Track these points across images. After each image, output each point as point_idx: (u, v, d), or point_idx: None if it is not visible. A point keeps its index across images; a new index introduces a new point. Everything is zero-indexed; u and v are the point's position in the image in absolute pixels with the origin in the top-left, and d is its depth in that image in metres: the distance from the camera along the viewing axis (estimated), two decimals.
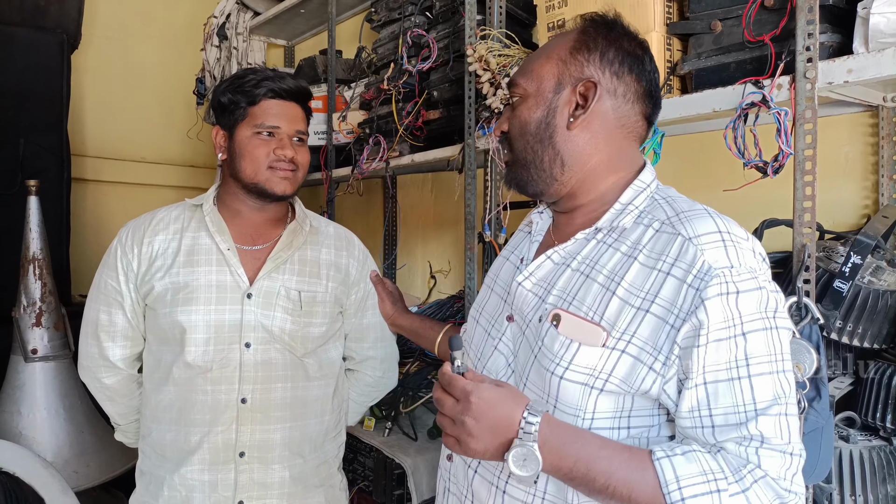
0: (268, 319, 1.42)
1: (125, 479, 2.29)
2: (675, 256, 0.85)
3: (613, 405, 0.87)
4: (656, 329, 0.84)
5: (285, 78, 1.46)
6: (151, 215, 1.51)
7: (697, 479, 0.78)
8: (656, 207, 0.95)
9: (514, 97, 1.03)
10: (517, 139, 1.01)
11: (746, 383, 0.81)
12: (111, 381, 1.52)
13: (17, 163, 2.83)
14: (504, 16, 1.80)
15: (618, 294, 0.88)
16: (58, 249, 2.78)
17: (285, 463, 1.43)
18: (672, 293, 0.84)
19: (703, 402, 0.82)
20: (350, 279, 1.57)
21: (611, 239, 0.95)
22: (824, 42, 1.19)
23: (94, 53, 3.54)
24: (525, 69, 1.03)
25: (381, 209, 2.93)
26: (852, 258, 1.23)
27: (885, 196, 1.48)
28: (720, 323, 0.81)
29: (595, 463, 0.80)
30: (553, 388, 0.89)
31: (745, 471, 0.79)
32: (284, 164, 1.43)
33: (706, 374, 0.82)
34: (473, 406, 0.81)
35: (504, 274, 1.10)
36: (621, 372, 0.85)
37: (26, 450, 1.96)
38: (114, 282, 1.46)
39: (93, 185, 3.54)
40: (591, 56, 0.98)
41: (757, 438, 0.80)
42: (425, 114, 2.05)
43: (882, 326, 1.30)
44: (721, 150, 1.29)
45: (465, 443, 0.82)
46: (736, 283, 0.82)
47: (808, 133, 1.16)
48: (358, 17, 2.86)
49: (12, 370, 2.18)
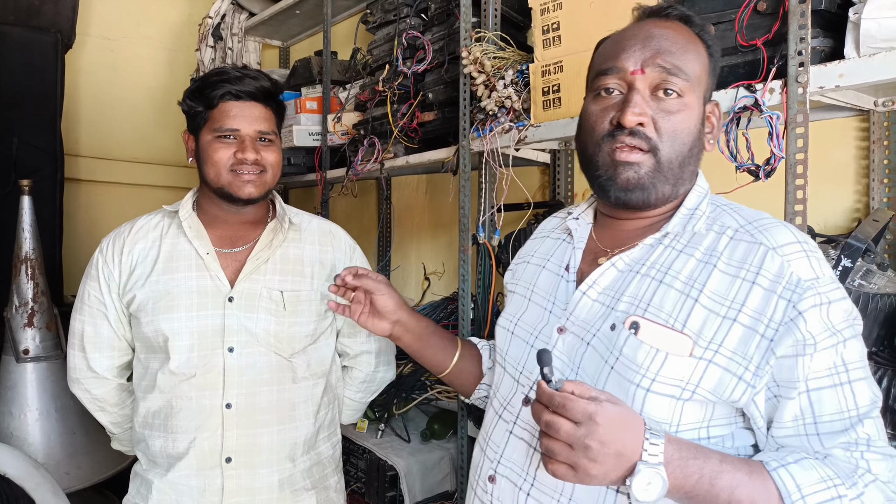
0: (251, 322, 1.40)
1: (117, 480, 2.28)
2: (759, 266, 0.85)
3: (698, 415, 0.85)
4: (745, 339, 0.83)
5: (245, 79, 1.41)
6: (131, 224, 1.50)
7: (818, 486, 0.77)
8: (722, 214, 0.93)
9: (667, 89, 0.92)
10: (670, 143, 0.92)
11: (848, 389, 0.81)
12: (100, 392, 1.52)
13: (10, 162, 2.81)
14: (499, 18, 1.81)
15: (701, 302, 0.85)
16: (50, 249, 2.77)
17: (273, 467, 1.42)
18: (761, 303, 0.83)
19: (806, 410, 0.82)
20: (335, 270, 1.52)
21: (680, 244, 0.92)
22: (816, 47, 1.20)
23: (88, 53, 3.53)
24: (685, 66, 0.92)
25: (375, 210, 2.93)
26: (843, 261, 1.24)
27: (876, 200, 1.49)
28: (822, 333, 0.81)
29: (718, 478, 0.77)
30: (638, 402, 0.84)
31: (857, 475, 0.79)
32: (247, 167, 1.39)
33: (808, 381, 0.81)
34: (602, 429, 0.73)
35: (544, 283, 1.03)
36: (710, 384, 0.83)
37: (17, 451, 1.95)
38: (96, 293, 1.46)
39: (86, 185, 3.52)
40: (713, 79, 0.99)
41: (863, 442, 0.80)
42: (420, 115, 2.05)
43: (873, 329, 1.31)
44: (713, 154, 1.30)
45: (584, 469, 0.73)
46: (827, 295, 0.83)
47: (800, 137, 1.17)
48: (353, 19, 2.87)
49: (3, 370, 2.17)
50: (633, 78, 0.91)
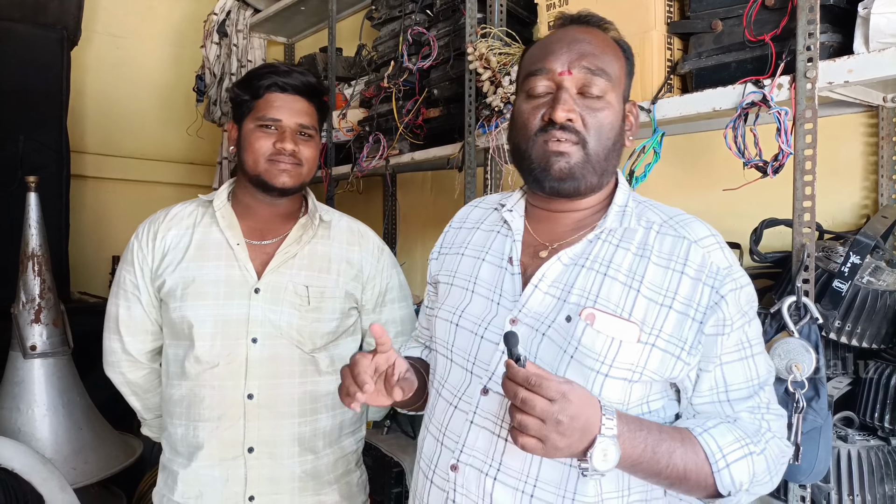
0: (275, 314, 1.42)
1: (124, 476, 2.30)
2: (686, 257, 0.96)
3: (641, 393, 0.96)
4: (680, 323, 0.94)
5: (292, 73, 1.46)
6: (166, 211, 1.54)
7: (734, 445, 0.91)
8: (646, 210, 1.04)
9: (591, 89, 1.00)
10: (596, 137, 1.01)
11: (752, 362, 0.96)
12: (135, 377, 1.55)
13: (16, 159, 2.82)
14: (505, 14, 1.80)
15: (642, 292, 0.95)
16: (57, 246, 2.77)
17: (295, 458, 1.43)
18: (690, 291, 0.94)
19: (720, 380, 0.95)
20: (364, 275, 1.54)
21: (615, 239, 1.00)
22: (825, 42, 1.19)
23: (93, 50, 3.54)
24: (606, 67, 1.01)
25: (380, 207, 2.93)
26: (851, 258, 1.23)
27: (885, 196, 1.48)
28: (735, 314, 0.94)
29: (658, 446, 0.88)
30: (597, 387, 0.93)
31: (760, 434, 0.94)
32: (284, 158, 1.42)
33: (722, 356, 0.94)
34: (573, 406, 0.81)
35: (487, 275, 1.07)
36: (654, 365, 0.93)
37: (25, 446, 1.96)
38: (131, 276, 1.49)
39: (92, 181, 3.54)
40: (629, 80, 1.09)
41: (764, 406, 0.96)
42: (425, 112, 2.05)
43: (881, 326, 1.30)
44: (721, 150, 1.29)
45: (552, 442, 0.81)
46: (739, 280, 0.96)
47: (808, 133, 1.16)
48: (358, 15, 2.86)
49: (11, 367, 2.18)
50: (561, 78, 1.00)
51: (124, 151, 3.67)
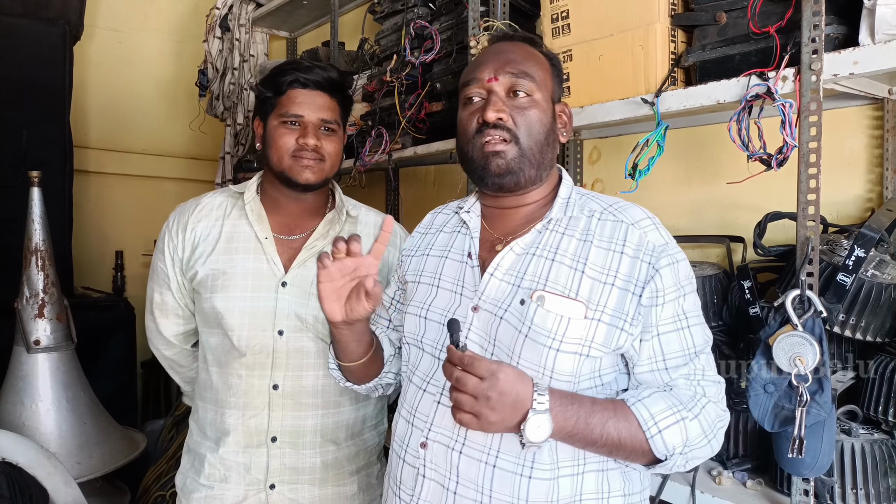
0: (302, 308, 1.44)
1: (128, 469, 2.31)
2: (624, 239, 1.05)
3: (592, 366, 1.03)
4: (621, 298, 1.02)
5: (314, 69, 1.47)
6: (196, 201, 1.56)
7: (666, 412, 0.97)
8: (588, 200, 1.13)
9: (517, 89, 1.11)
10: (527, 132, 1.11)
11: (688, 332, 1.03)
12: (169, 353, 1.62)
13: (19, 154, 2.82)
14: (507, 7, 1.80)
15: (586, 273, 1.03)
16: (60, 241, 2.78)
17: (317, 449, 1.46)
18: (629, 268, 1.03)
19: (657, 350, 1.02)
20: (387, 269, 1.53)
21: (561, 228, 1.09)
22: (830, 34, 1.18)
23: (96, 45, 3.54)
24: (530, 71, 1.12)
25: (383, 201, 2.92)
26: (856, 251, 1.22)
27: (890, 189, 1.47)
28: (671, 287, 1.02)
29: (591, 417, 0.95)
30: (550, 361, 1.01)
31: (695, 400, 1.01)
32: (307, 153, 1.43)
33: (658, 327, 1.02)
34: (501, 383, 0.90)
35: (450, 271, 1.16)
36: (601, 338, 1.01)
37: (29, 440, 1.97)
38: (162, 264, 1.53)
39: (95, 176, 3.54)
40: (558, 83, 1.20)
41: (699, 373, 1.03)
42: (428, 106, 2.04)
43: (885, 320, 1.30)
44: (725, 143, 1.29)
45: (485, 417, 0.90)
46: (675, 256, 1.04)
47: (813, 125, 1.16)
48: (361, 9, 2.85)
49: (15, 361, 2.18)
50: (490, 84, 1.11)
51: (127, 146, 3.67)
